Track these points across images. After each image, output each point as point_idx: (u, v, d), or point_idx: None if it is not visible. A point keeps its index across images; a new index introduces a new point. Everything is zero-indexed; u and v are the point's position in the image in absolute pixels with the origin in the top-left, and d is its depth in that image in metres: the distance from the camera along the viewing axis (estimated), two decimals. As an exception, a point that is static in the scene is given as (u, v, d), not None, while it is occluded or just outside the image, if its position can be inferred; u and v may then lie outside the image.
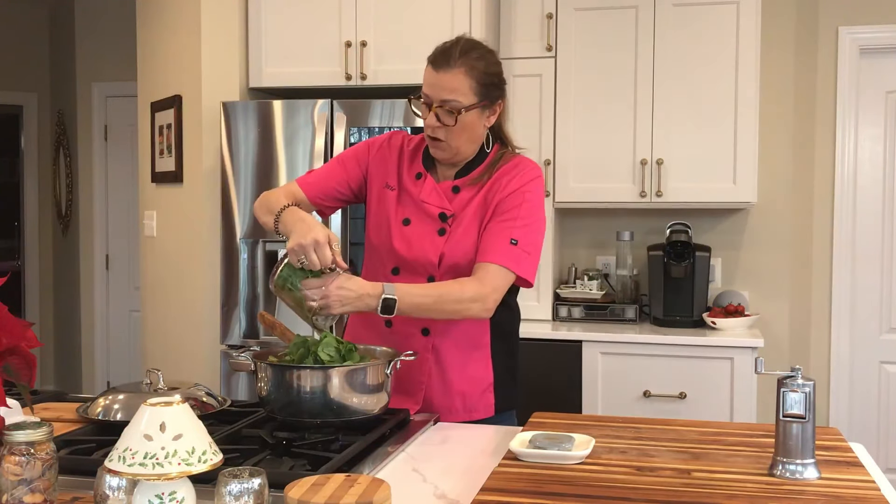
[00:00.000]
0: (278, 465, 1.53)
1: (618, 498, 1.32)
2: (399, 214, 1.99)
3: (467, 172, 1.99)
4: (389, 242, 1.98)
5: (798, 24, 3.88)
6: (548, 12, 3.68)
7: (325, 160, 3.24)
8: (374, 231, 2.04)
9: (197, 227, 3.58)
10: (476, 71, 1.89)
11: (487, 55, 1.94)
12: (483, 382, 2.01)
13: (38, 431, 1.20)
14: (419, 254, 1.95)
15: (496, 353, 2.03)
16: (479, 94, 1.90)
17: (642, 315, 3.77)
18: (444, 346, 1.98)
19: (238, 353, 1.88)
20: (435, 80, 1.89)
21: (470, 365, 2.00)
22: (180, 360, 3.66)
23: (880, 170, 3.97)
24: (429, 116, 1.90)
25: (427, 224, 1.96)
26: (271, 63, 3.53)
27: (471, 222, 1.95)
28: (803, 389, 1.41)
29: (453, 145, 1.93)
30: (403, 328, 1.96)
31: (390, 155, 2.05)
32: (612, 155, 3.67)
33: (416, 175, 2.01)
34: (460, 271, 1.93)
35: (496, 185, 1.96)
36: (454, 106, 1.88)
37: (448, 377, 1.99)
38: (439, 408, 1.98)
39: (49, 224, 6.28)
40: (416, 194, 1.98)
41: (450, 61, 1.87)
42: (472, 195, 1.97)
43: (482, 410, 2.01)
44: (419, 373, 1.98)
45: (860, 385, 3.99)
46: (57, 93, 6.17)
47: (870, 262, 3.99)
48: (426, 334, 1.98)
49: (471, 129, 1.93)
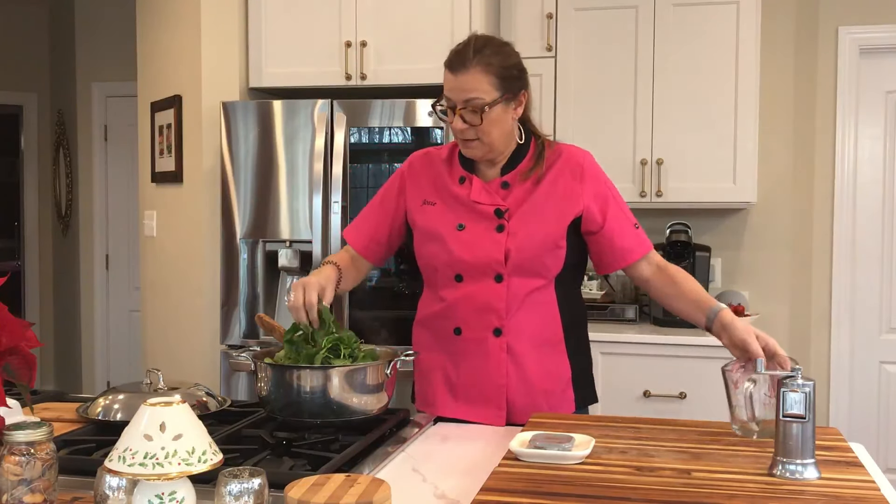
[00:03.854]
0: (278, 465, 1.53)
1: (618, 498, 1.32)
2: (451, 221, 1.96)
3: (513, 167, 1.97)
4: (447, 251, 1.95)
5: (798, 24, 3.88)
6: (548, 12, 3.68)
7: (325, 160, 3.24)
8: (423, 247, 2.01)
9: (197, 227, 3.58)
10: (493, 66, 1.88)
11: (503, 48, 1.93)
12: (563, 379, 1.98)
13: (38, 431, 1.20)
14: (482, 254, 1.92)
15: (571, 348, 2.00)
16: (501, 88, 1.89)
17: (642, 315, 3.77)
18: (519, 344, 1.94)
19: (238, 353, 1.88)
20: (454, 83, 1.88)
21: (548, 362, 1.97)
22: (180, 360, 3.66)
23: (880, 170, 3.97)
24: (455, 120, 1.90)
25: (483, 224, 1.94)
26: (271, 63, 3.53)
27: (538, 219, 1.93)
28: (803, 389, 1.41)
29: (486, 142, 1.91)
30: (474, 333, 1.93)
31: (423, 172, 2.04)
32: (612, 155, 3.66)
33: (459, 180, 1.99)
34: (528, 267, 1.91)
35: (561, 178, 1.95)
36: (477, 104, 1.87)
37: (528, 376, 1.94)
38: (523, 410, 1.94)
39: (49, 224, 6.27)
40: (466, 196, 1.96)
41: (465, 62, 1.87)
42: (528, 190, 1.95)
43: (565, 408, 1.98)
44: (497, 376, 1.93)
45: (860, 385, 3.99)
46: (57, 93, 6.16)
47: (870, 262, 3.99)
48: (498, 335, 1.93)
49: (500, 124, 1.92)
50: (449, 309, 1.96)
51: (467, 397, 1.96)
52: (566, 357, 1.99)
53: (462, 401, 1.96)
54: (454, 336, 1.96)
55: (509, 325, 1.93)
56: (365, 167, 3.28)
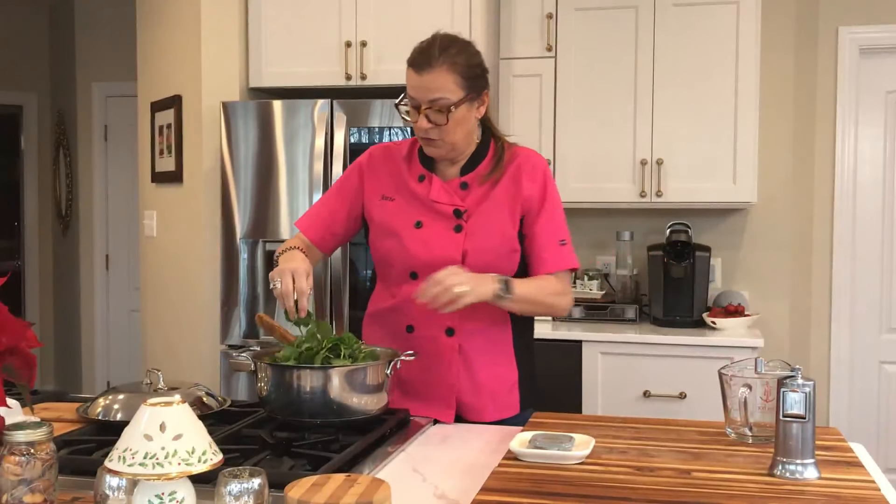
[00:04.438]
0: (278, 465, 1.53)
1: (618, 498, 1.32)
2: (409, 219, 1.96)
3: (472, 168, 1.98)
4: (403, 248, 1.95)
5: (798, 24, 3.88)
6: (548, 12, 3.68)
7: (325, 160, 3.24)
8: (379, 242, 2.01)
9: (197, 227, 3.58)
10: (458, 66, 1.87)
11: (467, 48, 1.92)
12: (509, 380, 2.00)
13: (38, 431, 1.20)
14: (439, 253, 1.92)
15: (518, 351, 2.02)
16: (466, 87, 1.88)
17: (642, 315, 3.77)
18: (470, 345, 1.96)
19: (238, 353, 1.88)
20: (419, 82, 1.88)
21: (496, 363, 1.99)
22: (180, 360, 3.66)
23: (880, 170, 3.97)
24: (420, 119, 1.89)
25: (441, 223, 1.94)
26: (271, 63, 3.53)
27: (493, 220, 1.94)
28: (803, 389, 1.41)
29: (448, 141, 1.91)
30: (426, 331, 1.94)
31: (383, 167, 2.04)
32: (612, 155, 3.67)
33: (418, 178, 1.99)
34: (484, 268, 1.90)
35: (513, 182, 1.96)
36: (443, 104, 1.86)
37: (477, 377, 1.96)
38: (471, 409, 1.96)
39: (49, 224, 6.27)
40: (425, 195, 1.96)
41: (431, 61, 1.86)
42: (486, 191, 1.96)
43: (509, 409, 2.00)
44: (448, 375, 1.95)
45: (860, 385, 3.99)
46: (57, 93, 6.16)
47: (870, 262, 3.99)
48: (451, 335, 1.94)
49: (464, 124, 1.91)
50: (402, 306, 1.96)
51: (417, 394, 1.96)
52: (514, 360, 2.01)
53: (412, 397, 1.96)
54: (406, 333, 1.97)
55: (462, 325, 1.94)
56: (365, 167, 3.27)
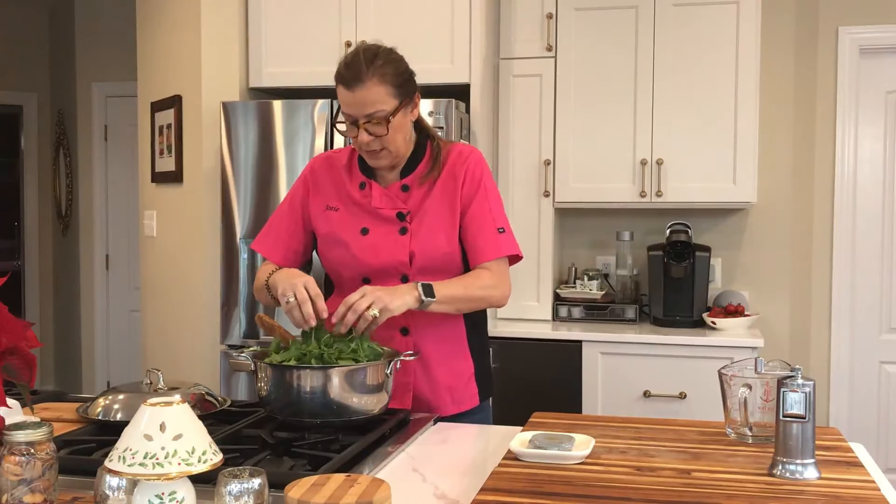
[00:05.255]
0: (278, 465, 1.53)
1: (618, 498, 1.32)
2: (354, 226, 2.00)
3: (411, 170, 2.01)
4: (351, 255, 1.99)
5: (798, 24, 3.88)
6: (548, 12, 3.68)
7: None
8: (328, 252, 2.04)
9: (197, 227, 3.58)
10: (388, 76, 1.89)
11: (392, 55, 1.94)
12: (465, 374, 2.05)
13: (38, 431, 1.20)
14: (387, 257, 1.96)
15: (473, 344, 2.07)
16: (398, 95, 1.90)
17: (642, 315, 3.77)
18: (425, 343, 2.00)
19: (238, 353, 1.88)
20: (352, 98, 1.88)
21: (451, 359, 2.04)
22: (180, 360, 3.66)
23: (880, 170, 3.97)
24: (360, 133, 1.90)
25: (386, 227, 1.98)
26: (271, 63, 3.53)
27: (436, 218, 1.98)
28: (803, 389, 1.41)
29: (392, 150, 1.94)
30: (382, 331, 1.93)
31: (325, 177, 2.06)
32: (612, 155, 3.67)
33: (359, 185, 2.02)
34: (433, 268, 1.96)
35: (449, 179, 2.00)
36: (381, 116, 1.88)
37: (433, 373, 2.01)
38: (429, 405, 2.00)
39: (49, 224, 6.28)
40: (367, 203, 2.00)
41: (360, 76, 1.87)
42: (426, 191, 1.99)
43: (468, 401, 2.05)
44: (404, 374, 1.98)
45: (860, 385, 3.99)
46: (57, 93, 6.17)
47: (870, 262, 3.99)
48: (406, 333, 1.99)
49: (402, 130, 1.95)
50: None
51: None
52: (469, 354, 2.06)
53: None
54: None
55: (416, 324, 1.98)
56: (365, 167, 3.28)
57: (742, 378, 1.60)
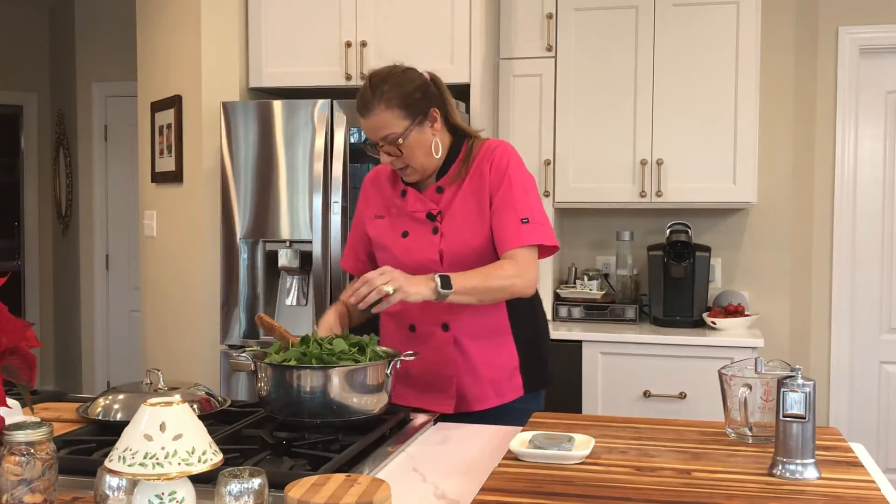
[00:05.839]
0: (278, 465, 1.53)
1: (618, 498, 1.32)
2: (397, 231, 2.11)
3: (446, 171, 2.10)
4: (392, 257, 2.09)
5: (798, 24, 3.88)
6: (548, 12, 3.68)
7: (325, 160, 3.24)
8: (377, 255, 2.17)
9: (197, 227, 3.58)
10: (393, 100, 1.99)
11: (397, 78, 2.02)
12: (509, 367, 2.10)
13: (38, 431, 1.20)
14: (420, 256, 2.05)
15: (518, 337, 2.11)
16: (408, 116, 2.00)
17: (642, 315, 3.77)
18: (465, 337, 2.06)
19: (238, 353, 1.88)
20: (366, 125, 2.03)
21: (494, 352, 2.08)
22: (180, 360, 3.66)
23: (880, 170, 3.97)
24: (382, 155, 2.04)
25: (421, 229, 2.08)
26: (271, 63, 3.53)
27: (464, 216, 2.05)
28: (803, 389, 1.41)
29: (415, 166, 2.05)
30: (425, 328, 2.07)
31: (373, 190, 2.21)
32: (612, 155, 3.67)
33: (401, 193, 2.13)
34: (465, 264, 2.00)
35: (477, 175, 2.07)
36: (392, 139, 2.00)
37: (475, 367, 2.07)
38: (472, 398, 2.06)
39: (49, 224, 6.27)
40: (404, 208, 2.11)
41: (368, 104, 2.00)
42: (456, 189, 2.08)
43: (511, 393, 2.09)
44: (446, 368, 2.06)
45: (860, 385, 3.99)
46: (57, 93, 6.16)
47: (870, 262, 3.99)
48: (446, 329, 2.06)
49: (421, 146, 2.03)
50: (404, 308, 2.06)
51: (418, 386, 2.09)
52: (513, 346, 2.10)
53: (414, 389, 2.09)
54: (410, 332, 2.11)
55: (455, 319, 2.05)
56: (365, 167, 3.28)
57: (742, 378, 1.60)
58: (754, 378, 1.59)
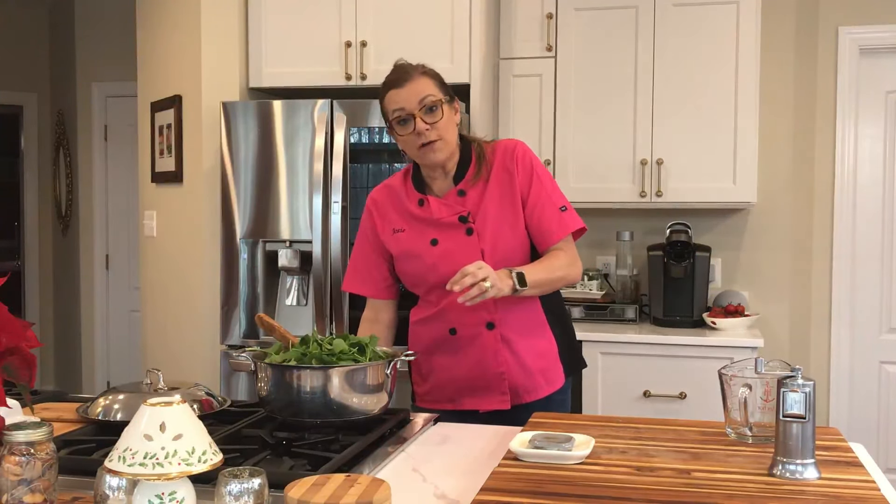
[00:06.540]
0: (278, 465, 1.53)
1: (618, 498, 1.32)
2: (424, 240, 2.10)
3: (462, 175, 2.11)
4: (426, 266, 2.09)
5: (798, 24, 3.88)
6: (548, 12, 3.68)
7: (325, 160, 3.24)
8: (404, 266, 2.14)
9: (197, 227, 3.58)
10: (430, 73, 2.07)
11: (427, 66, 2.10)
12: (551, 354, 2.15)
13: (38, 431, 1.20)
14: (461, 259, 2.00)
15: (553, 325, 2.16)
16: (444, 91, 2.06)
17: (642, 315, 3.77)
18: (511, 333, 2.09)
19: (238, 353, 1.88)
20: (405, 94, 2.02)
21: (536, 342, 2.13)
22: (180, 360, 3.66)
23: (880, 170, 3.97)
24: (417, 123, 2.01)
25: (452, 233, 2.08)
26: (271, 63, 3.53)
27: (497, 213, 2.07)
28: (803, 389, 1.41)
29: (447, 138, 2.05)
30: (468, 330, 2.08)
31: (387, 204, 2.18)
32: (612, 155, 3.67)
33: (418, 203, 2.13)
34: (505, 261, 2.03)
35: (502, 175, 2.09)
36: (433, 101, 2.02)
37: (523, 359, 2.10)
38: (524, 391, 2.10)
39: (49, 224, 6.27)
40: (430, 216, 2.10)
41: (408, 73, 2.04)
42: (481, 190, 2.09)
43: (557, 378, 2.15)
44: (496, 364, 2.08)
45: (860, 385, 3.99)
46: (57, 93, 6.16)
47: (870, 262, 3.98)
48: (491, 328, 2.08)
49: (452, 125, 2.07)
50: (443, 312, 2.09)
51: (472, 389, 2.10)
52: (551, 334, 2.16)
53: (468, 394, 2.10)
54: (450, 335, 2.10)
55: (499, 317, 2.08)
56: (365, 167, 3.28)
57: (742, 378, 1.60)
58: (754, 378, 1.59)
